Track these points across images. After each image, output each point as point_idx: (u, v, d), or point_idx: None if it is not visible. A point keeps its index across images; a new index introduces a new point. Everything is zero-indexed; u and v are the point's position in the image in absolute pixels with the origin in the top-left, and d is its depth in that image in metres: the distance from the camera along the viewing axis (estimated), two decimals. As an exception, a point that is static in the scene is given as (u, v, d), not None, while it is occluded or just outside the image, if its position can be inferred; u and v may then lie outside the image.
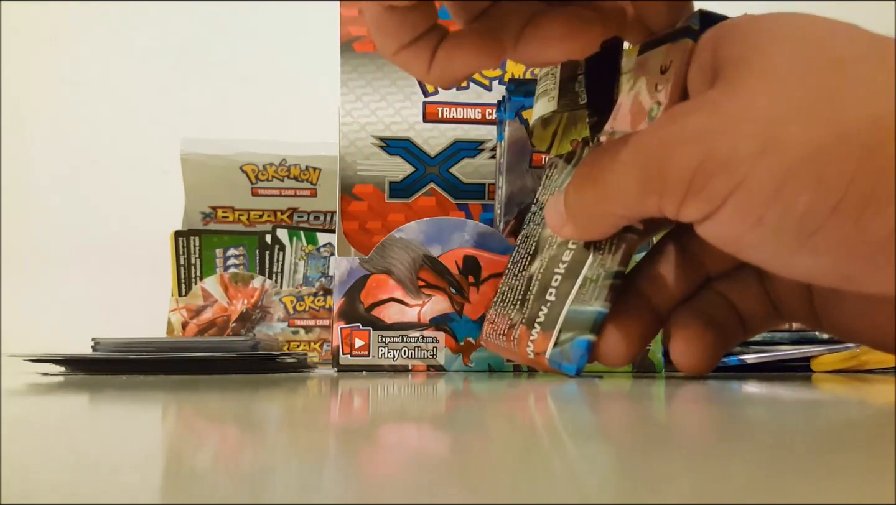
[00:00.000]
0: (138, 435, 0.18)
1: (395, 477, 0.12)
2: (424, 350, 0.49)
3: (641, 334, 0.31)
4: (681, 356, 0.30)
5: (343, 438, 0.18)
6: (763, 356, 0.49)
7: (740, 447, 0.15)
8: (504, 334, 0.34)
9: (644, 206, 0.25)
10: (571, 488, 0.11)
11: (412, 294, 0.49)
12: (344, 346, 0.49)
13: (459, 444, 0.16)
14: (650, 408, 0.24)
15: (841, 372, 0.49)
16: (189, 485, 0.12)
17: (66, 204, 1.10)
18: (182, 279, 0.73)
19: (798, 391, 0.31)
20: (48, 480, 0.12)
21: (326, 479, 0.12)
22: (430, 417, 0.22)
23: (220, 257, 0.74)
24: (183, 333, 0.69)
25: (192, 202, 0.77)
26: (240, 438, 0.17)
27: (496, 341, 0.35)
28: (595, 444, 0.16)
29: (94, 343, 0.44)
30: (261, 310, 0.71)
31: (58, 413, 0.23)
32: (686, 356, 0.30)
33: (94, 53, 1.09)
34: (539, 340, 0.32)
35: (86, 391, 0.30)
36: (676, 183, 0.24)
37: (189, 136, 0.76)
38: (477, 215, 0.53)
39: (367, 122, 0.54)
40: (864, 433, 0.17)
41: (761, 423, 0.20)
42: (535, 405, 0.25)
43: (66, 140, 1.12)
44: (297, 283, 0.74)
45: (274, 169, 0.77)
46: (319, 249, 0.76)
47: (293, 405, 0.26)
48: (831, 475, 0.12)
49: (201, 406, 0.25)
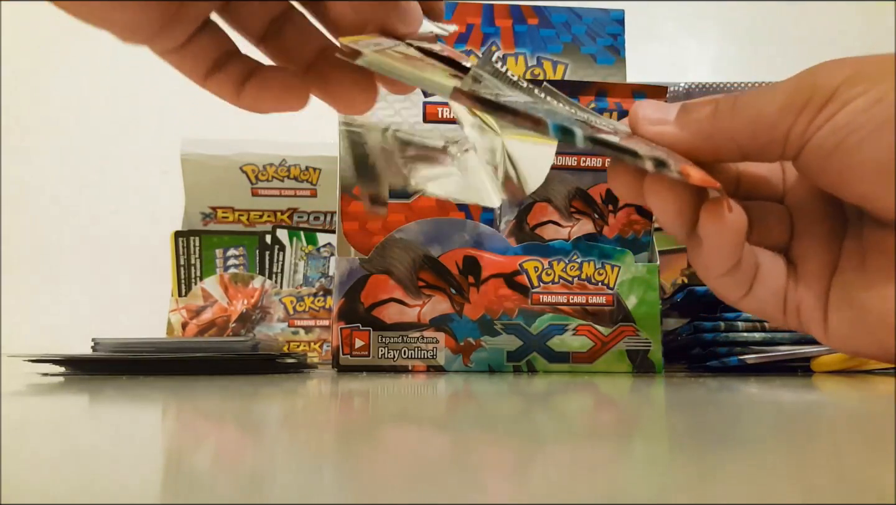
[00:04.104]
0: (138, 435, 0.18)
1: (395, 477, 0.12)
2: (424, 350, 0.49)
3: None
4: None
5: (343, 439, 0.18)
6: (763, 356, 0.49)
7: (739, 447, 0.15)
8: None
9: (775, 127, 0.26)
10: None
11: (412, 294, 0.49)
12: (344, 346, 0.49)
13: (459, 444, 0.16)
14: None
15: (841, 372, 0.49)
16: (189, 485, 0.12)
17: (66, 204, 1.10)
18: (182, 279, 0.73)
19: (797, 391, 0.31)
20: (48, 480, 0.12)
21: (326, 479, 0.12)
22: (430, 417, 0.22)
23: (220, 258, 0.74)
24: (183, 334, 0.69)
25: (192, 202, 0.77)
26: (240, 438, 0.17)
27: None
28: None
29: (94, 343, 0.44)
30: (261, 310, 0.71)
31: (58, 413, 0.23)
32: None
33: (95, 53, 1.09)
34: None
35: (86, 391, 0.30)
36: (823, 91, 0.25)
37: (189, 136, 0.76)
38: (477, 215, 0.53)
39: (367, 122, 0.54)
40: (864, 433, 0.17)
41: (761, 423, 0.20)
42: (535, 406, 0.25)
43: (66, 140, 1.12)
44: (297, 283, 0.74)
45: (274, 169, 0.78)
46: (319, 250, 0.76)
47: (293, 406, 0.26)
48: (832, 475, 0.12)
49: (201, 407, 0.25)
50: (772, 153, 0.26)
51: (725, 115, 0.27)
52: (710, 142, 0.27)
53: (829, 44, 1.08)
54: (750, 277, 0.28)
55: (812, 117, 0.25)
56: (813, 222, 0.29)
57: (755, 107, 0.26)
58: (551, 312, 0.49)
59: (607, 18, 0.58)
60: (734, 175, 0.29)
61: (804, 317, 0.28)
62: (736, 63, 1.13)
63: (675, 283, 0.61)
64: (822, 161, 0.25)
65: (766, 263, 0.28)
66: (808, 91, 0.26)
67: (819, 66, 0.26)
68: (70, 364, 0.43)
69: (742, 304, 0.28)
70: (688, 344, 0.53)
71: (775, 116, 0.26)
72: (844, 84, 0.25)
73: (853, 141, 0.25)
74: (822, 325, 0.28)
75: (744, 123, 0.26)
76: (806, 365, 0.50)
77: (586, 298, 0.50)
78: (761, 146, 0.27)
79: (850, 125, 0.25)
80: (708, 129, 0.27)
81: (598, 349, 0.49)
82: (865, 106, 0.25)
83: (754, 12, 1.13)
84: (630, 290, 0.50)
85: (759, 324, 0.51)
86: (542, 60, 0.57)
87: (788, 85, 0.26)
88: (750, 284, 0.28)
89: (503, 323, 0.49)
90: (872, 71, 0.25)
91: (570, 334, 0.49)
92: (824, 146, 0.25)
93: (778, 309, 0.28)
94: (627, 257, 0.50)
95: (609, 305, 0.50)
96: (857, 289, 0.27)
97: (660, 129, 0.28)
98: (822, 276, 0.28)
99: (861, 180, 0.25)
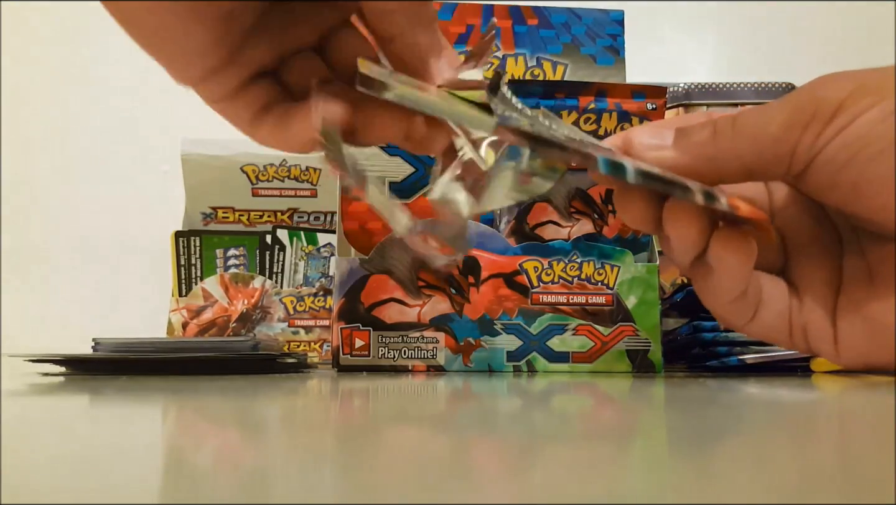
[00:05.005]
0: (138, 435, 0.18)
1: (395, 477, 0.12)
2: (424, 350, 0.49)
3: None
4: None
5: (343, 439, 0.18)
6: (763, 356, 0.49)
7: (738, 447, 0.15)
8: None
9: (781, 143, 0.26)
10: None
11: (412, 294, 0.49)
12: (344, 346, 0.49)
13: (459, 444, 0.16)
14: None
15: (841, 372, 0.49)
16: (189, 485, 0.12)
17: (66, 204, 1.10)
18: (182, 279, 0.73)
19: (796, 391, 0.31)
20: (48, 480, 0.12)
21: (326, 479, 0.12)
22: (430, 417, 0.22)
23: (221, 258, 0.74)
24: (183, 334, 0.69)
25: (192, 202, 0.77)
26: (240, 438, 0.17)
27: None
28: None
29: (95, 343, 0.44)
30: (261, 310, 0.71)
31: (58, 413, 0.23)
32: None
33: (95, 53, 1.09)
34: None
35: (86, 391, 0.30)
36: (828, 104, 0.25)
37: (189, 136, 0.76)
38: (477, 215, 0.53)
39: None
40: (863, 433, 0.17)
41: (761, 423, 0.20)
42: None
43: (66, 140, 1.12)
44: (298, 283, 0.74)
45: (274, 169, 0.78)
46: (319, 250, 0.76)
47: (293, 406, 0.26)
48: (831, 475, 0.12)
49: (201, 407, 0.25)
50: (777, 170, 0.26)
51: (726, 136, 0.27)
52: (713, 164, 0.27)
53: (829, 44, 1.08)
54: (755, 301, 0.28)
55: (819, 131, 0.25)
56: (806, 243, 0.29)
57: (757, 125, 0.26)
58: (551, 312, 0.49)
59: (607, 19, 0.58)
60: None
61: (812, 336, 0.28)
62: (736, 63, 1.13)
63: (674, 282, 0.61)
64: (832, 175, 0.25)
65: (768, 287, 0.28)
66: (811, 105, 0.25)
67: (818, 81, 0.26)
68: (70, 364, 0.43)
69: (748, 329, 0.28)
70: (687, 344, 0.53)
71: (780, 132, 0.26)
72: (851, 97, 0.25)
73: (869, 153, 0.25)
74: (832, 342, 0.28)
75: (747, 142, 0.26)
76: (805, 365, 0.50)
77: (586, 297, 0.50)
78: (766, 164, 0.26)
79: (865, 138, 0.25)
80: (710, 152, 0.27)
81: (597, 349, 0.49)
82: (879, 118, 0.24)
83: (754, 12, 1.13)
84: (630, 290, 0.50)
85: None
86: (541, 61, 0.57)
87: (790, 101, 0.26)
88: (755, 308, 0.28)
89: (503, 323, 0.49)
90: (876, 84, 0.25)
91: (570, 334, 0.49)
92: (836, 160, 0.25)
93: (784, 331, 0.28)
94: (627, 257, 0.50)
95: (609, 304, 0.50)
96: (867, 303, 0.27)
97: (658, 154, 0.27)
98: (827, 294, 0.28)
99: (878, 193, 0.25)
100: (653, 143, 0.27)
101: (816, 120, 0.25)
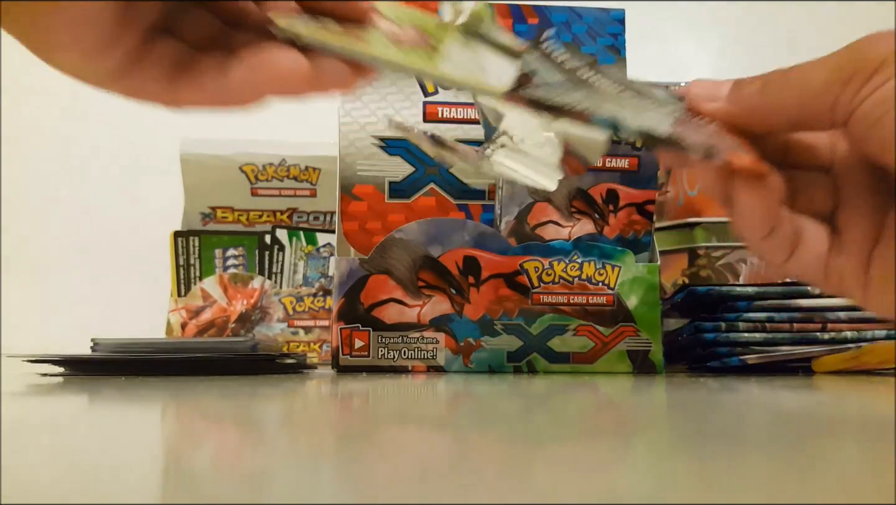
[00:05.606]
0: (137, 435, 0.18)
1: (395, 477, 0.12)
2: (424, 351, 0.49)
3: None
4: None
5: (342, 439, 0.18)
6: (764, 357, 0.49)
7: (739, 447, 0.15)
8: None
9: (822, 97, 0.28)
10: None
11: (412, 294, 0.49)
12: (344, 346, 0.49)
13: (459, 444, 0.16)
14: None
15: (841, 372, 0.49)
16: (189, 485, 0.12)
17: (66, 204, 1.10)
18: (181, 279, 0.73)
19: (797, 392, 0.31)
20: (48, 480, 0.12)
21: (325, 479, 0.12)
22: (430, 417, 0.22)
23: (220, 258, 0.74)
24: (182, 334, 0.69)
25: (191, 202, 0.77)
26: (239, 438, 0.17)
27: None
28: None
29: (94, 344, 0.44)
30: (260, 310, 0.71)
31: (58, 413, 0.23)
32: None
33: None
34: None
35: (85, 391, 0.30)
36: (870, 63, 0.26)
37: (189, 136, 0.76)
38: (477, 215, 0.53)
39: (366, 122, 0.54)
40: (864, 434, 0.17)
41: (762, 423, 0.20)
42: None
43: (66, 140, 1.11)
44: (297, 283, 0.74)
45: (274, 169, 0.77)
46: (319, 250, 0.76)
47: (292, 406, 0.26)
48: (832, 475, 0.12)
49: (201, 407, 0.25)
50: (821, 122, 0.28)
51: (774, 89, 0.29)
52: (759, 114, 0.29)
53: (828, 44, 1.08)
54: (791, 242, 0.30)
55: (858, 87, 0.27)
56: (858, 193, 0.31)
57: (802, 79, 0.28)
58: (552, 312, 0.49)
59: (608, 18, 0.58)
60: (783, 144, 0.31)
61: (846, 283, 0.30)
62: (736, 63, 1.13)
63: (675, 283, 0.61)
64: (867, 130, 0.27)
65: (810, 231, 0.30)
66: (854, 63, 0.27)
67: (864, 39, 0.28)
68: (70, 364, 0.43)
69: (785, 268, 0.30)
70: (688, 344, 0.53)
71: (822, 87, 0.28)
72: (890, 57, 0.26)
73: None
74: (862, 289, 0.29)
75: (792, 95, 0.28)
76: (807, 365, 0.50)
77: (587, 298, 0.50)
78: (810, 116, 0.28)
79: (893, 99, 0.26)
80: (758, 103, 0.29)
81: (598, 349, 0.49)
82: None
83: (754, 13, 1.13)
84: (631, 290, 0.50)
85: (759, 324, 0.51)
86: (542, 60, 0.57)
87: (836, 57, 0.28)
88: (792, 249, 0.30)
89: (503, 323, 0.49)
90: None
91: (571, 335, 0.49)
92: (870, 116, 0.27)
93: (819, 274, 0.30)
94: (628, 257, 0.50)
95: (609, 305, 0.50)
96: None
97: (713, 105, 0.30)
98: (864, 245, 0.30)
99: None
100: (708, 94, 0.30)
101: (857, 77, 0.27)
